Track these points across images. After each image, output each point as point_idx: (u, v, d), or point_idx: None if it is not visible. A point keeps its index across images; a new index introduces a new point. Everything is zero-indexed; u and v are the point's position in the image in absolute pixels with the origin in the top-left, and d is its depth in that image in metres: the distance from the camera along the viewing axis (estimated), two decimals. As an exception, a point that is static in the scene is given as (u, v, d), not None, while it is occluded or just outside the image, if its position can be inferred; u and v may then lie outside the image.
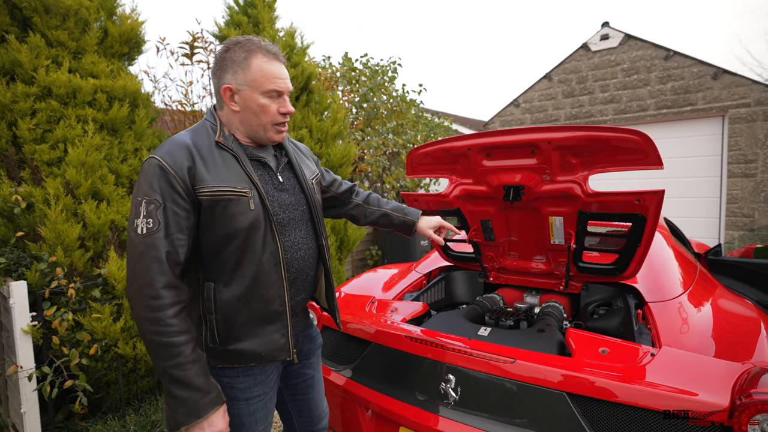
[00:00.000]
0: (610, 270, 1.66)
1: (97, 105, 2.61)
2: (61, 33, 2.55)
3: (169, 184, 0.96)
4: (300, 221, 1.18)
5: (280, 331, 1.10)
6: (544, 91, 6.60)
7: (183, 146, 1.02)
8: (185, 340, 0.94)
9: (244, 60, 1.05)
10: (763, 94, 4.92)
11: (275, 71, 1.08)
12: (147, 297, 0.92)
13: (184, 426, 0.93)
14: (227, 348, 1.06)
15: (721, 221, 5.31)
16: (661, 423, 1.01)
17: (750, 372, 1.04)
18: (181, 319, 0.95)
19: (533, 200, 1.58)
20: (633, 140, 1.33)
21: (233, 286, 1.04)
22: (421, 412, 1.30)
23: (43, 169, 2.36)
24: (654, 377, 1.06)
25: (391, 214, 1.53)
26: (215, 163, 1.03)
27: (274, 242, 1.08)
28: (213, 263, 1.05)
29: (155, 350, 0.93)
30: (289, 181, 1.19)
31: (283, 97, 1.11)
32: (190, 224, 1.00)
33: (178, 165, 0.98)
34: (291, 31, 3.76)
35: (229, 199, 1.02)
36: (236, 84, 1.06)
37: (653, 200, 1.36)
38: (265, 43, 1.09)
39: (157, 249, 0.93)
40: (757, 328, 1.34)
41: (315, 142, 3.71)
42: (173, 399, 0.94)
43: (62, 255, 2.18)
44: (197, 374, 0.95)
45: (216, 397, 0.98)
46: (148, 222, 0.94)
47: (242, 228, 1.03)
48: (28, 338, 2.00)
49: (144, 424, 2.28)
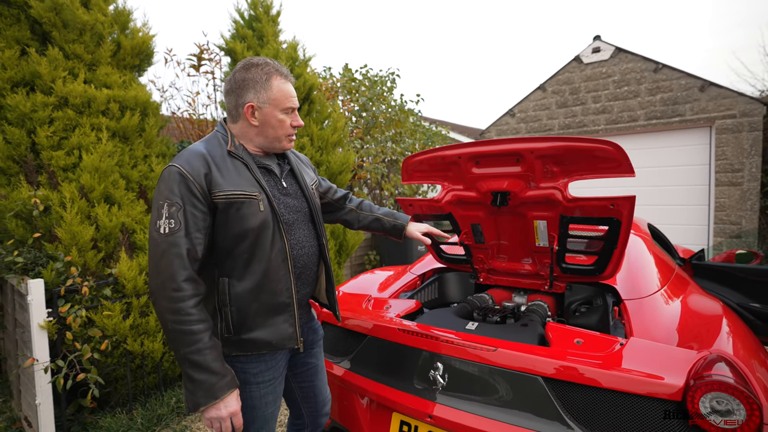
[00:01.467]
0: (591, 270, 1.79)
1: (110, 114, 2.75)
2: (77, 46, 2.71)
3: (188, 189, 1.08)
4: (303, 222, 1.31)
5: (288, 321, 1.22)
6: (538, 101, 6.78)
7: (199, 155, 1.14)
8: (203, 328, 1.05)
9: (265, 81, 1.19)
10: (747, 105, 5.10)
11: (291, 91, 1.23)
12: (169, 290, 1.03)
13: (203, 406, 1.04)
14: (241, 337, 1.17)
15: (710, 228, 5.45)
16: (623, 402, 1.13)
17: (707, 358, 1.17)
18: (199, 309, 1.06)
19: (519, 205, 1.70)
20: (607, 150, 1.45)
21: (245, 281, 1.15)
22: (411, 398, 1.41)
23: (59, 174, 2.50)
24: (620, 363, 1.18)
25: (383, 218, 1.66)
26: (228, 170, 1.15)
27: (281, 240, 1.20)
28: (227, 260, 1.16)
29: (177, 338, 1.03)
30: (291, 186, 1.32)
31: (294, 112, 1.26)
32: (207, 225, 1.11)
33: (196, 172, 1.10)
34: (293, 44, 3.93)
35: (241, 201, 1.14)
36: (258, 102, 1.19)
37: (626, 205, 1.50)
38: (279, 66, 1.24)
39: (179, 246, 1.05)
40: (720, 322, 1.47)
41: (316, 150, 3.85)
42: (192, 382, 1.04)
43: (77, 255, 2.30)
44: (214, 359, 1.05)
45: (231, 381, 1.08)
46: (170, 222, 1.05)
47: (253, 227, 1.14)
48: (44, 333, 2.12)
49: (150, 417, 2.38)
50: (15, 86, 2.53)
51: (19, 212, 2.29)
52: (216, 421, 1.07)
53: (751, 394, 1.04)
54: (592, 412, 1.16)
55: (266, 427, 1.25)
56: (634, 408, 1.12)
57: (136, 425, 2.30)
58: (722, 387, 1.05)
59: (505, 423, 1.23)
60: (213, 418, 1.06)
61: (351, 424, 1.63)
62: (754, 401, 1.03)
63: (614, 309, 1.69)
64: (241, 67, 1.22)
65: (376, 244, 5.80)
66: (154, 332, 2.51)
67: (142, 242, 2.62)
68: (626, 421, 1.12)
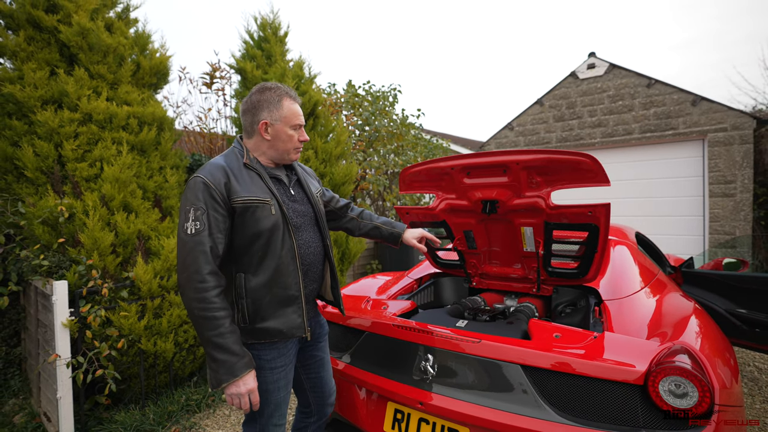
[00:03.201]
0: (574, 274, 1.93)
1: (129, 129, 2.96)
2: (101, 67, 2.93)
3: (211, 195, 1.25)
4: (309, 225, 1.48)
5: (297, 312, 1.37)
6: (536, 115, 6.98)
7: (220, 167, 1.32)
8: (225, 314, 1.21)
9: (277, 102, 1.39)
10: (738, 119, 5.26)
11: (298, 110, 1.43)
12: (196, 281, 1.19)
13: (225, 383, 1.19)
14: (255, 326, 1.32)
15: (705, 238, 5.55)
16: (592, 387, 1.27)
17: (670, 348, 1.30)
18: (221, 298, 1.22)
19: (507, 213, 1.85)
20: (584, 162, 1.60)
21: (259, 276, 1.31)
22: (404, 387, 1.55)
23: (82, 184, 2.69)
24: (591, 353, 1.32)
25: (381, 227, 1.81)
26: (244, 180, 1.33)
27: (290, 240, 1.36)
28: (243, 257, 1.32)
29: (202, 324, 1.19)
30: (298, 193, 1.50)
31: (301, 129, 1.45)
32: (226, 226, 1.29)
33: (217, 181, 1.28)
34: (300, 62, 4.16)
35: (256, 206, 1.31)
36: (271, 119, 1.38)
37: (602, 211, 1.64)
38: (289, 89, 1.44)
39: (203, 244, 1.21)
40: (688, 320, 1.60)
41: (320, 162, 4.04)
42: (215, 362, 1.19)
43: (97, 259, 2.47)
44: (234, 342, 1.21)
45: (249, 361, 1.24)
46: (195, 224, 1.23)
47: (266, 229, 1.31)
48: (66, 331, 2.27)
49: (161, 414, 2.51)
50: (44, 104, 2.74)
51: (46, 219, 2.48)
52: (236, 397, 1.22)
53: (705, 379, 1.17)
54: (564, 396, 1.30)
55: (278, 411, 1.39)
56: (602, 392, 1.26)
57: (148, 421, 2.43)
58: (679, 371, 1.18)
59: (487, 408, 1.36)
60: (233, 394, 1.21)
61: (350, 415, 1.76)
62: (707, 385, 1.16)
63: (595, 309, 1.82)
64: (256, 91, 1.41)
65: (378, 252, 5.94)
66: (166, 333, 2.66)
67: (156, 248, 2.79)
68: (594, 404, 1.25)
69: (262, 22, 4.09)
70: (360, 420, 1.71)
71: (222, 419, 2.59)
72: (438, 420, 1.47)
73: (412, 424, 1.53)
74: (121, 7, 3.34)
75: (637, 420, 1.20)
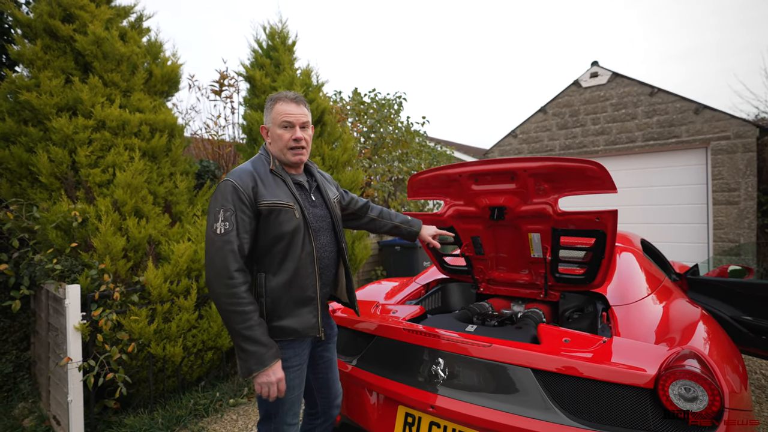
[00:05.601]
0: (582, 280, 1.95)
1: (141, 135, 3.01)
2: (115, 75, 3.00)
3: (239, 198, 1.32)
4: (327, 229, 1.54)
5: (312, 313, 1.42)
6: (539, 123, 7.03)
7: (248, 172, 1.39)
8: (253, 309, 1.27)
9: (270, 106, 1.48)
10: (741, 127, 5.29)
11: (287, 109, 1.45)
12: (225, 278, 1.25)
13: (255, 372, 1.25)
14: (273, 325, 1.37)
15: (710, 246, 5.55)
16: (602, 390, 1.28)
17: (679, 353, 1.32)
18: (249, 293, 1.28)
19: (514, 219, 1.88)
20: (590, 169, 1.62)
21: (279, 276, 1.37)
22: (415, 391, 1.56)
23: (95, 189, 2.74)
24: (600, 357, 1.34)
25: (400, 226, 1.91)
26: (270, 184, 1.40)
27: (310, 243, 1.42)
28: (265, 258, 1.38)
29: (231, 318, 1.25)
30: (318, 199, 1.57)
31: (295, 128, 1.45)
32: (252, 228, 1.35)
33: (246, 185, 1.34)
34: (307, 71, 4.22)
35: (280, 209, 1.37)
36: (267, 123, 1.49)
37: (609, 218, 1.67)
38: (285, 94, 1.49)
39: (232, 244, 1.28)
40: (695, 326, 1.61)
41: (327, 168, 4.09)
42: (245, 353, 1.25)
43: (109, 263, 2.51)
44: (263, 334, 1.27)
45: (276, 352, 1.30)
46: (225, 224, 1.29)
47: (288, 231, 1.37)
48: (78, 335, 2.30)
49: (170, 418, 2.53)
50: (60, 111, 2.80)
51: (59, 224, 2.52)
52: (266, 385, 1.27)
53: (715, 383, 1.19)
54: (574, 399, 1.31)
55: (292, 410, 1.43)
56: (612, 396, 1.27)
57: (156, 425, 2.45)
58: (689, 375, 1.20)
59: (498, 411, 1.38)
60: (263, 383, 1.27)
61: (361, 419, 1.78)
62: (716, 389, 1.18)
63: (603, 314, 1.84)
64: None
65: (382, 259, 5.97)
66: (175, 337, 2.68)
67: (167, 253, 2.82)
68: (604, 407, 1.27)
69: (270, 31, 4.17)
70: (371, 424, 1.72)
71: (230, 424, 2.61)
72: (449, 423, 1.49)
73: (423, 427, 1.55)
74: (134, 16, 3.42)
75: (647, 423, 1.22)
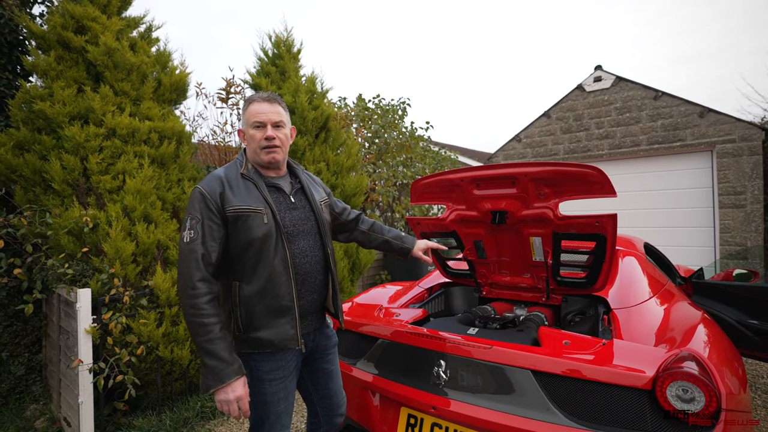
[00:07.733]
0: (583, 283, 1.96)
1: (150, 143, 3.08)
2: (125, 84, 3.08)
3: (206, 205, 1.30)
4: (309, 233, 1.47)
5: (290, 324, 1.36)
6: (543, 127, 7.05)
7: (217, 178, 1.37)
8: (215, 321, 1.23)
9: (244, 109, 1.46)
10: (746, 131, 5.26)
11: (259, 109, 1.42)
12: (188, 288, 1.23)
13: (213, 389, 1.21)
14: (249, 335, 1.33)
15: (716, 250, 5.51)
16: (601, 392, 1.30)
17: (677, 354, 1.33)
18: (212, 305, 1.25)
19: (516, 223, 1.90)
20: (590, 174, 1.65)
21: (252, 284, 1.32)
22: (418, 392, 1.59)
23: (106, 195, 2.81)
24: (600, 359, 1.35)
25: (391, 241, 1.84)
26: (239, 189, 1.36)
27: (283, 249, 1.36)
28: (237, 265, 1.34)
29: (194, 329, 1.22)
30: (300, 201, 1.50)
31: (267, 127, 1.42)
32: (221, 235, 1.32)
33: (213, 191, 1.33)
34: (312, 78, 4.29)
35: (247, 215, 1.33)
36: (242, 125, 1.48)
37: (609, 222, 1.69)
38: (260, 95, 1.46)
39: (196, 252, 1.26)
40: (695, 327, 1.63)
41: (331, 174, 4.14)
42: (206, 367, 1.21)
43: (119, 268, 2.57)
44: (223, 349, 1.22)
45: (237, 369, 1.24)
46: (191, 233, 1.28)
47: (258, 237, 1.32)
48: (88, 338, 2.36)
49: (177, 420, 2.57)
50: (72, 119, 2.89)
51: (71, 229, 2.59)
52: (224, 403, 1.23)
53: (712, 384, 1.20)
54: (574, 400, 1.33)
55: (279, 422, 1.38)
56: (611, 397, 1.29)
57: (164, 426, 2.49)
58: (687, 377, 1.21)
59: (499, 412, 1.40)
60: (222, 400, 1.23)
61: (364, 420, 1.80)
62: (713, 390, 1.19)
63: (604, 317, 1.85)
64: None
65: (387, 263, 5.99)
66: (183, 341, 2.73)
67: (174, 257, 2.88)
68: (603, 408, 1.29)
69: (276, 39, 4.25)
70: (373, 425, 1.75)
71: (236, 426, 2.64)
72: (451, 424, 1.51)
73: (426, 428, 1.57)
74: (144, 27, 3.51)
75: (645, 424, 1.23)
